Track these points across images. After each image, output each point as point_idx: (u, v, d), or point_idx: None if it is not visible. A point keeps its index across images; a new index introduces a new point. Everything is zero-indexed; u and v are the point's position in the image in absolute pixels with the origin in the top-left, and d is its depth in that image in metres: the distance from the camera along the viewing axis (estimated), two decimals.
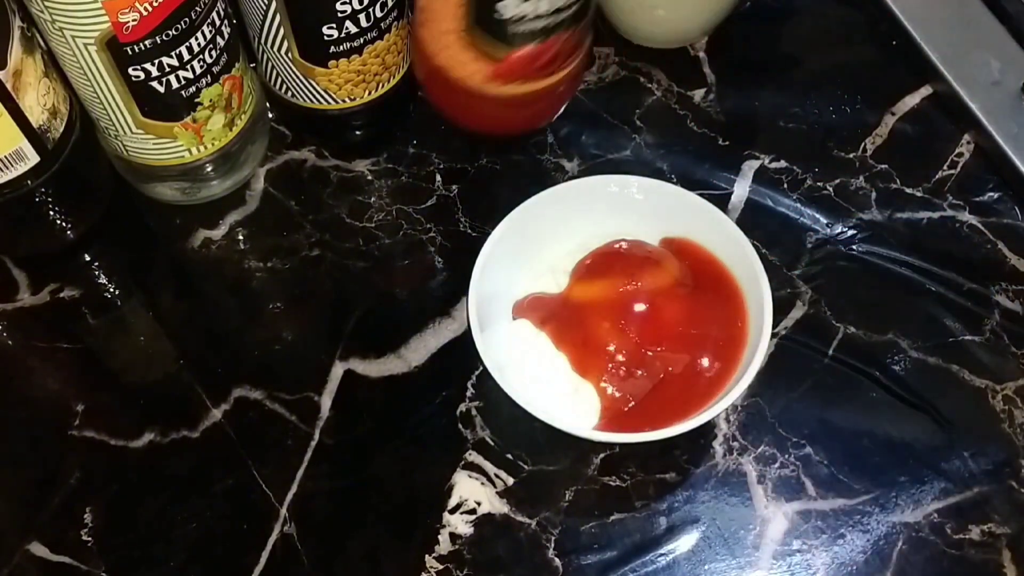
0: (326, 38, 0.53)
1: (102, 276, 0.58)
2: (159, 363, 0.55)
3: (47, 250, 0.58)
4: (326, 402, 0.53)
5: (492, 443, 0.51)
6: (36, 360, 0.56)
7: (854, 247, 0.57)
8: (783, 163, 0.60)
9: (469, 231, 0.58)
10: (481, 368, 0.51)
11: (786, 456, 0.51)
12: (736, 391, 0.46)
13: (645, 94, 0.63)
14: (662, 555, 0.49)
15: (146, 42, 0.48)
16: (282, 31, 0.53)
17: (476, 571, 0.48)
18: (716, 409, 0.46)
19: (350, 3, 0.51)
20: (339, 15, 0.52)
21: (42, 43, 0.51)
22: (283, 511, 0.50)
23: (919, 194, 0.59)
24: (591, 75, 0.64)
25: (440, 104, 0.58)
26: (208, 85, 0.52)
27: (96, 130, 0.56)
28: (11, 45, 0.48)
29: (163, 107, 0.52)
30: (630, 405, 0.48)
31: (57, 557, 0.49)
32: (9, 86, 0.48)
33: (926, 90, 0.63)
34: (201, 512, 0.50)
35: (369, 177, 0.60)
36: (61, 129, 0.52)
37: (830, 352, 0.54)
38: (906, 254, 0.57)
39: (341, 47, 0.54)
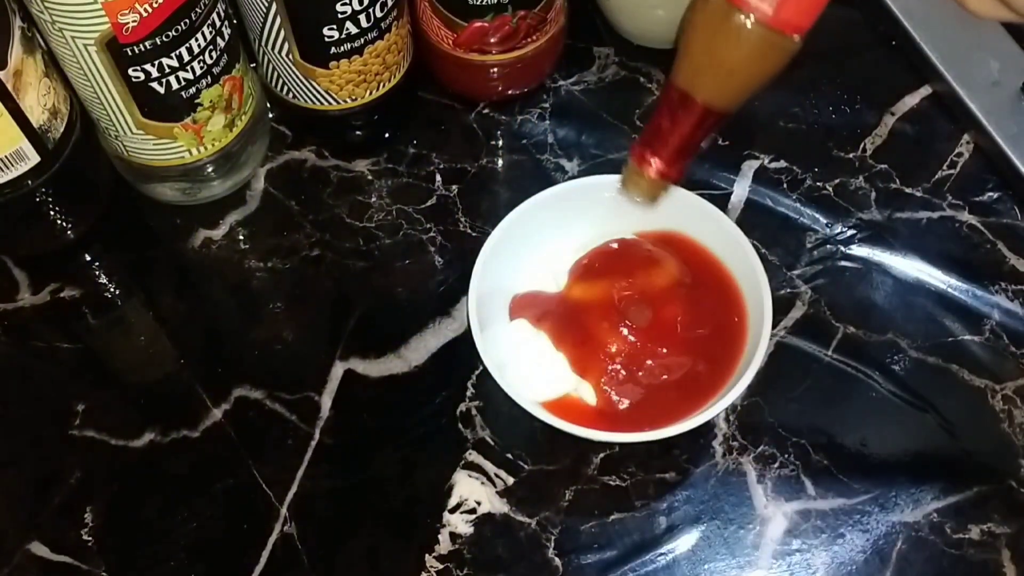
0: (327, 39, 0.53)
1: (102, 276, 0.58)
2: (159, 363, 0.55)
3: (47, 250, 0.58)
4: (326, 402, 0.53)
5: (492, 443, 0.51)
6: (36, 360, 0.56)
7: (854, 247, 0.57)
8: (783, 163, 0.60)
9: (469, 231, 0.58)
10: (481, 368, 0.51)
11: (786, 456, 0.51)
12: (736, 391, 0.46)
13: (645, 94, 0.63)
14: (662, 555, 0.49)
15: (146, 43, 0.48)
16: (282, 33, 0.53)
17: (476, 571, 0.48)
18: (716, 409, 0.46)
19: (350, 4, 0.51)
20: (339, 16, 0.52)
21: (42, 43, 0.51)
22: (283, 511, 0.50)
23: (919, 194, 0.59)
24: (591, 75, 0.64)
25: (428, 64, 0.61)
26: (208, 86, 0.53)
27: (96, 130, 0.56)
28: (12, 45, 0.48)
29: (163, 108, 0.52)
30: (624, 405, 0.48)
31: (57, 557, 0.49)
32: (9, 86, 0.48)
33: (926, 90, 0.63)
34: (201, 512, 0.50)
35: (369, 177, 0.60)
36: (61, 129, 0.52)
37: (830, 352, 0.54)
38: (906, 254, 0.57)
39: (342, 48, 0.54)
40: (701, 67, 0.38)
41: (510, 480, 0.51)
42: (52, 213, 0.55)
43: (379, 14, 0.53)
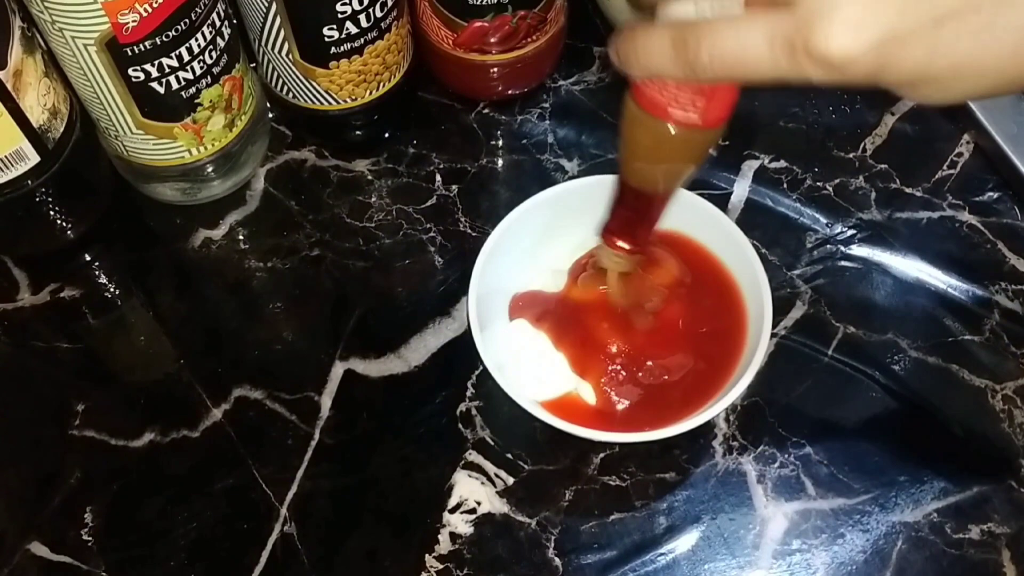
0: (327, 39, 0.53)
1: (102, 276, 0.58)
2: (159, 363, 0.55)
3: (47, 250, 0.58)
4: (326, 402, 0.53)
5: (492, 443, 0.51)
6: (36, 360, 0.56)
7: (854, 247, 0.57)
8: (783, 163, 0.60)
9: (469, 231, 0.58)
10: (481, 368, 0.51)
11: (786, 456, 0.51)
12: (736, 391, 0.46)
13: None
14: (662, 555, 0.49)
15: (146, 43, 0.48)
16: (283, 33, 0.53)
17: (476, 570, 0.48)
18: (716, 409, 0.46)
19: (350, 4, 0.51)
20: (339, 16, 0.52)
21: (42, 43, 0.51)
22: (283, 511, 0.50)
23: (919, 194, 0.59)
24: (591, 75, 0.64)
25: (428, 64, 0.61)
26: (208, 86, 0.53)
27: (96, 130, 0.56)
28: (11, 45, 0.48)
29: (163, 108, 0.52)
30: (624, 405, 0.48)
31: (57, 556, 0.50)
32: (9, 86, 0.48)
33: None
34: (201, 512, 0.50)
35: (369, 177, 0.60)
36: (61, 129, 0.52)
37: (830, 352, 0.54)
38: (906, 254, 0.57)
39: (342, 48, 0.54)
40: (639, 164, 0.42)
41: (510, 480, 0.51)
42: (52, 213, 0.55)
43: (379, 14, 0.53)
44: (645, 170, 0.42)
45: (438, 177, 0.60)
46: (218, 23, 0.51)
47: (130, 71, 0.50)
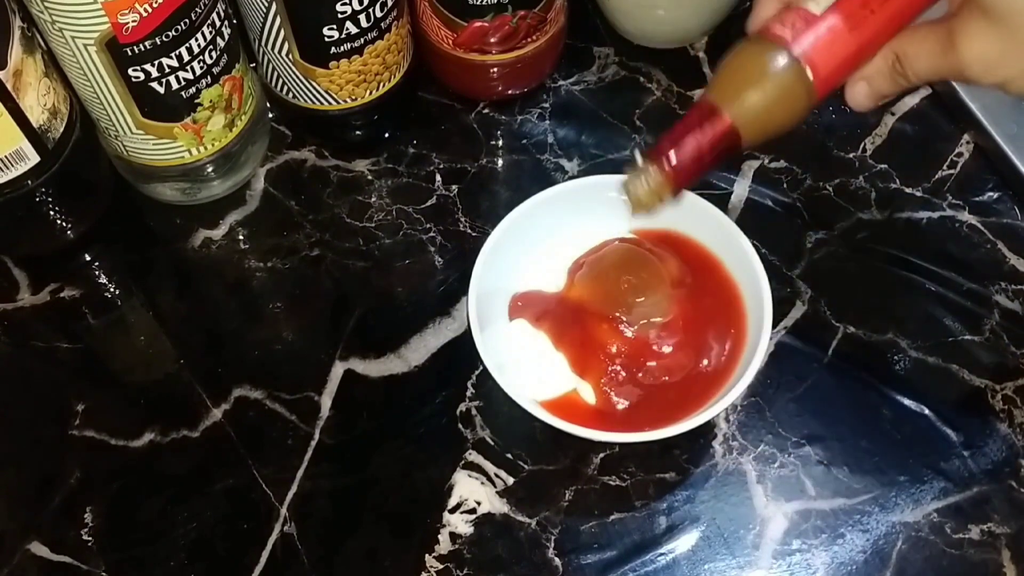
0: (327, 39, 0.53)
1: (102, 276, 0.58)
2: (159, 363, 0.55)
3: (47, 250, 0.58)
4: (326, 402, 0.53)
5: (492, 443, 0.51)
6: (36, 360, 0.56)
7: (854, 247, 0.57)
8: (783, 163, 0.60)
9: (469, 231, 0.58)
10: (481, 368, 0.51)
11: (786, 456, 0.51)
12: (736, 391, 0.46)
13: (645, 94, 0.63)
14: (662, 554, 0.49)
15: (146, 43, 0.48)
16: (283, 33, 0.53)
17: (476, 570, 0.48)
18: (716, 409, 0.46)
19: (350, 4, 0.51)
20: (339, 16, 0.52)
21: (42, 43, 0.51)
22: (283, 511, 0.50)
23: (919, 194, 0.59)
24: (591, 75, 0.64)
25: (428, 64, 0.61)
26: (208, 86, 0.53)
27: (96, 130, 0.56)
28: (11, 45, 0.48)
29: (163, 108, 0.52)
30: (624, 405, 0.48)
31: (57, 556, 0.50)
32: (9, 86, 0.48)
33: (925, 90, 0.63)
34: (201, 512, 0.50)
35: (369, 177, 0.60)
36: (61, 129, 0.52)
37: (830, 352, 0.54)
38: (906, 254, 0.57)
39: (342, 48, 0.54)
40: (733, 88, 0.42)
41: (510, 480, 0.51)
42: (52, 213, 0.55)
43: (379, 14, 0.53)
44: (733, 90, 0.42)
45: (438, 177, 0.60)
46: (218, 23, 0.51)
47: (130, 71, 0.50)
